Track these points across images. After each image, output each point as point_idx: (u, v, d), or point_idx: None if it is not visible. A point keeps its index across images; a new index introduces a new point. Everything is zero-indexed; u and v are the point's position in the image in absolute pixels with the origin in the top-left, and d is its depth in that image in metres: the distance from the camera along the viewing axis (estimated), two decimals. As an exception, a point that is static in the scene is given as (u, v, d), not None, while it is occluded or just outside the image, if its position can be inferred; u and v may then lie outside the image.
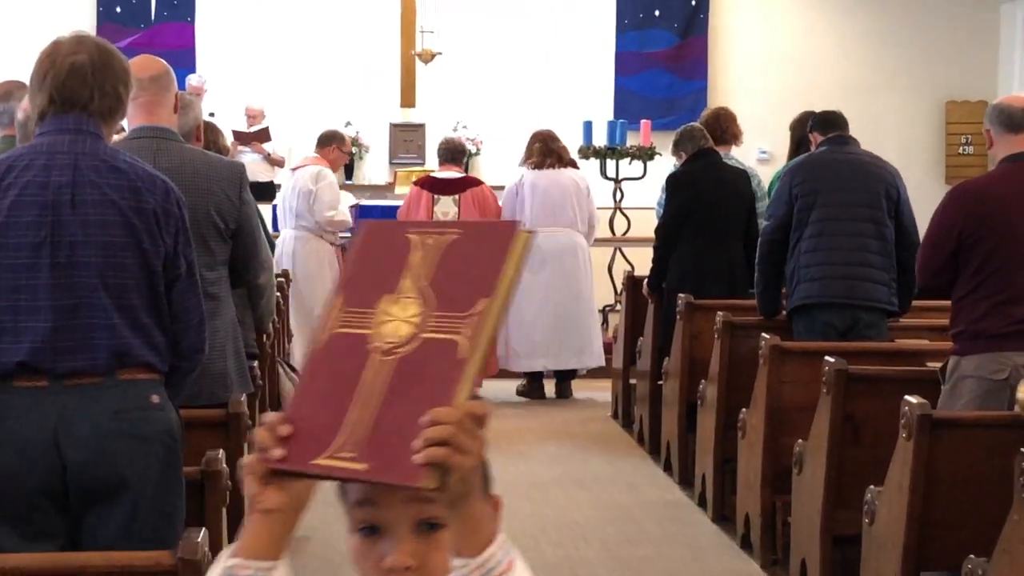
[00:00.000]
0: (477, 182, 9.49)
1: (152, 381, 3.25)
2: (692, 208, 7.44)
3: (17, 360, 3.12)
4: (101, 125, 3.27)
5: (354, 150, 13.70)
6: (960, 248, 4.64)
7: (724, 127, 8.14)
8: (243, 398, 4.20)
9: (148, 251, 3.23)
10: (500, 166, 14.02)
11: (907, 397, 4.20)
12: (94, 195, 3.18)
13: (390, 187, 13.03)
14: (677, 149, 7.69)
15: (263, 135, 12.90)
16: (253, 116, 13.06)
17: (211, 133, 6.30)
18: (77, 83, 3.22)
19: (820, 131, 6.46)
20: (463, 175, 9.51)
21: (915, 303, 6.29)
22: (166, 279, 3.28)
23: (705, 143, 7.63)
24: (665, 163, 9.04)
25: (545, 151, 9.26)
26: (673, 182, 7.66)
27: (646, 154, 11.16)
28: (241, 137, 12.58)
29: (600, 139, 11.42)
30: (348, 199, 10.01)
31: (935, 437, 4.13)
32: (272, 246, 5.23)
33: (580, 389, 9.35)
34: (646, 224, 9.28)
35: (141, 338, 3.22)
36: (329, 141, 9.37)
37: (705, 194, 7.47)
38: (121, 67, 3.30)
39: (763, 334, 5.72)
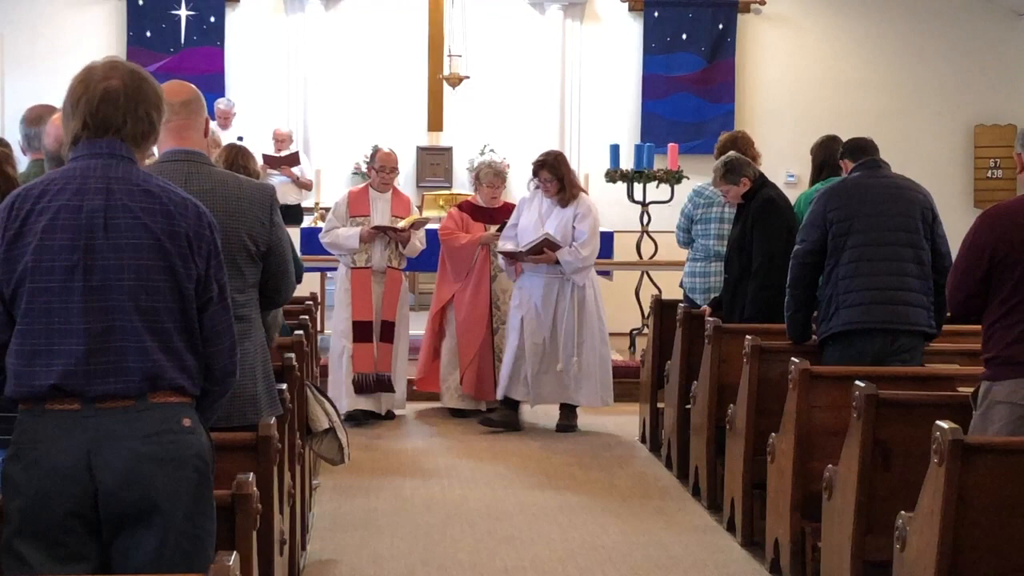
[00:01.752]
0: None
1: (184, 404, 3.26)
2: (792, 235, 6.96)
3: (50, 383, 3.13)
4: (134, 150, 3.29)
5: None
6: (992, 272, 4.60)
7: (743, 150, 8.06)
8: (272, 421, 4.20)
9: (180, 274, 3.24)
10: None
11: (939, 422, 4.17)
12: (127, 219, 3.20)
13: (418, 211, 13.05)
14: (737, 176, 7.25)
15: (293, 159, 12.98)
16: (281, 140, 13.14)
17: (242, 158, 6.33)
18: (110, 108, 3.24)
19: (851, 158, 6.37)
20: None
21: (946, 327, 6.26)
22: (198, 302, 3.29)
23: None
24: (688, 187, 8.96)
25: None
26: (777, 209, 7.11)
27: (673, 177, 11.16)
28: (271, 161, 12.67)
29: (627, 162, 11.43)
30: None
31: (967, 463, 4.09)
32: (301, 268, 5.21)
33: (607, 413, 9.31)
34: (673, 248, 9.25)
35: (173, 361, 3.23)
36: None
37: (795, 217, 7.19)
38: (154, 92, 3.32)
39: (792, 358, 5.69)
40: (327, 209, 12.70)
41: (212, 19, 13.77)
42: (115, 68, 3.28)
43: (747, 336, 6.37)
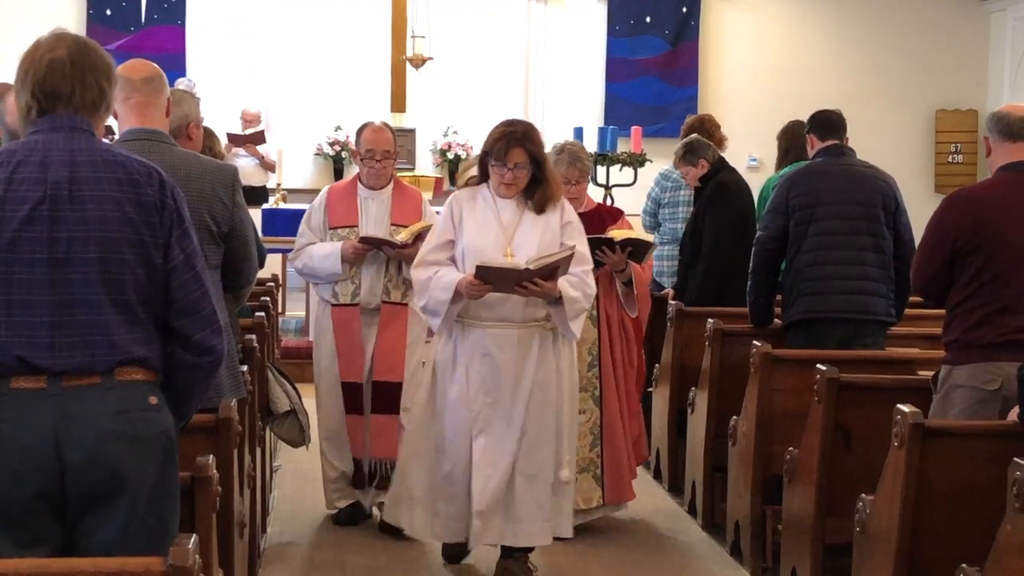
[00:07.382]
0: None
1: (150, 382, 3.22)
2: (752, 219, 7.03)
3: (16, 353, 3.08)
4: (91, 120, 3.24)
5: (344, 154, 13.71)
6: (955, 256, 4.62)
7: (709, 133, 8.07)
8: (233, 403, 4.17)
9: (148, 245, 3.19)
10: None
11: (899, 406, 4.19)
12: (92, 190, 3.15)
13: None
14: (696, 157, 7.27)
15: (258, 137, 12.86)
16: (249, 120, 13.04)
17: (207, 139, 6.26)
18: (57, 77, 3.19)
19: (817, 134, 6.32)
20: None
21: (907, 312, 6.28)
22: (165, 271, 3.23)
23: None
24: (653, 170, 8.95)
25: None
26: (728, 194, 7.07)
27: (637, 161, 11.16)
28: (235, 139, 12.56)
29: (591, 145, 11.41)
30: None
31: (927, 446, 4.12)
32: (263, 252, 5.09)
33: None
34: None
35: (139, 336, 3.18)
36: None
37: (751, 203, 7.24)
38: (102, 61, 3.27)
39: (754, 341, 5.71)
40: (289, 190, 12.67)
41: (173, -3, 13.66)
42: (60, 39, 3.24)
43: (709, 320, 6.38)
